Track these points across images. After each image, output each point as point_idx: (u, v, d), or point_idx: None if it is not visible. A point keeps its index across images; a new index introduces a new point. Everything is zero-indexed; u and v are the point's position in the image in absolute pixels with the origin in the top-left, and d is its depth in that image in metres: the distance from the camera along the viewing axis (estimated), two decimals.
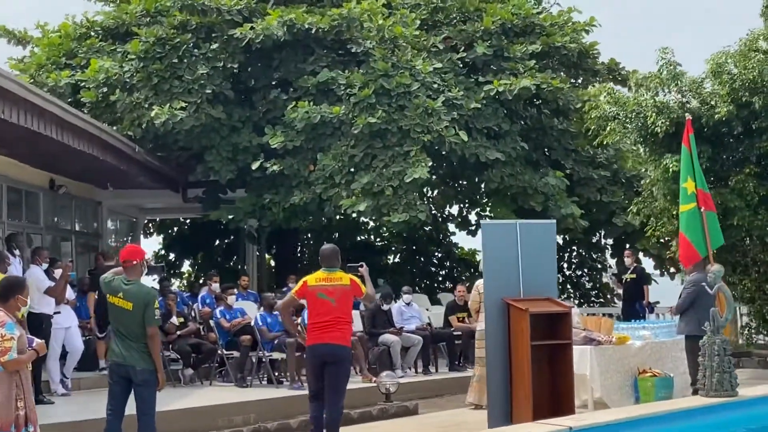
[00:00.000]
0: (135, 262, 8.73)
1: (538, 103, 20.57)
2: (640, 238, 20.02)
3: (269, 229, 19.95)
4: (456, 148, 17.91)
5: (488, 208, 24.67)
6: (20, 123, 12.85)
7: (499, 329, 10.71)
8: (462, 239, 28.47)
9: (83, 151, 15.40)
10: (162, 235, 27.93)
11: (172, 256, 27.22)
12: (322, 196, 18.01)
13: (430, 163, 17.59)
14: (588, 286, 25.15)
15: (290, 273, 21.81)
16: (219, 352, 14.81)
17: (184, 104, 18.06)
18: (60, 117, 14.03)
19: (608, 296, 24.43)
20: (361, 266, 10.00)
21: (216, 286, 16.36)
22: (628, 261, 18.33)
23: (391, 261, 27.46)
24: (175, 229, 28.30)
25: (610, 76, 22.41)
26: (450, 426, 11.53)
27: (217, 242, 26.08)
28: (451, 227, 27.19)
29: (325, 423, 9.25)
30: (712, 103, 15.32)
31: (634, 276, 18.14)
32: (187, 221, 28.02)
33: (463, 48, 20.15)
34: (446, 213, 26.26)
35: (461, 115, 18.39)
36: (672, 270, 21.03)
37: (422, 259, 27.54)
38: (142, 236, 25.16)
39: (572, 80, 21.88)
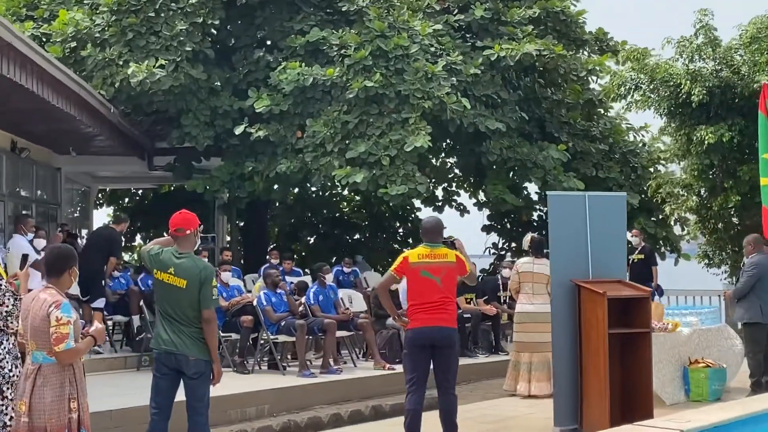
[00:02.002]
0: (188, 232, 7.36)
1: (532, 71, 19.36)
2: (637, 217, 19.13)
3: (247, 200, 18.49)
4: (455, 117, 16.66)
5: (459, 185, 23.73)
6: (2, 73, 11.31)
7: (568, 315, 9.57)
8: (428, 215, 27.33)
9: (61, 109, 13.83)
10: (113, 207, 26.20)
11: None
12: (311, 165, 16.62)
13: (430, 131, 16.32)
14: None
15: (259, 248, 20.48)
16: None
17: (163, 62, 16.47)
18: (43, 69, 12.45)
19: None
20: (456, 240, 8.77)
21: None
22: (635, 240, 17.28)
23: (353, 238, 26.11)
24: (126, 200, 26.63)
25: (598, 46, 21.36)
26: (504, 421, 10.35)
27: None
28: (417, 203, 25.99)
29: (442, 412, 8.28)
30: (744, 71, 14.31)
31: (642, 256, 17.10)
32: (140, 191, 26.39)
33: (456, 11, 18.90)
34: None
35: (460, 82, 17.13)
36: (665, 250, 20.12)
37: (385, 235, 26.31)
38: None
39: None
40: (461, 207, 24.25)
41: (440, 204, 24.14)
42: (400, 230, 26.64)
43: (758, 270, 11.43)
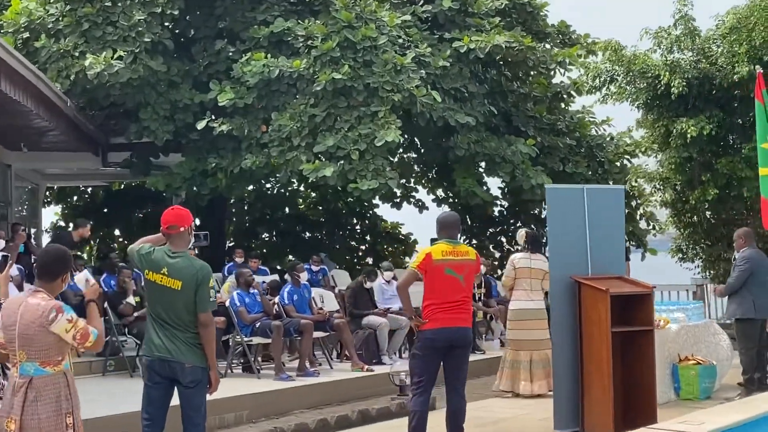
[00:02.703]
0: (182, 229, 6.81)
1: (499, 64, 18.95)
2: None
3: (209, 197, 17.87)
4: (425, 110, 16.21)
5: (417, 181, 23.28)
6: None
7: (568, 313, 9.18)
8: (386, 212, 26.96)
9: (17, 101, 13.14)
10: (61, 205, 25.32)
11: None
12: (277, 159, 16.06)
13: (400, 124, 15.85)
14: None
15: (217, 247, 19.89)
16: None
17: (122, 53, 15.81)
18: (2, 59, 11.76)
19: None
20: None
21: None
22: None
23: (311, 235, 25.55)
24: (75, 198, 25.77)
25: (560, 39, 21.05)
26: (498, 423, 9.92)
27: (140, 211, 23.58)
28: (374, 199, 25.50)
29: (450, 414, 7.90)
30: (721, 62, 14.04)
31: None
32: (89, 189, 25.55)
33: (422, 1, 18.46)
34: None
35: (429, 74, 16.69)
36: (631, 245, 19.88)
37: (341, 232, 25.79)
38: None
39: None
40: (420, 203, 23.79)
41: (398, 200, 23.68)
42: (358, 227, 26.15)
43: (750, 264, 11.16)
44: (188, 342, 6.64)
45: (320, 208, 25.61)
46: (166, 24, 16.99)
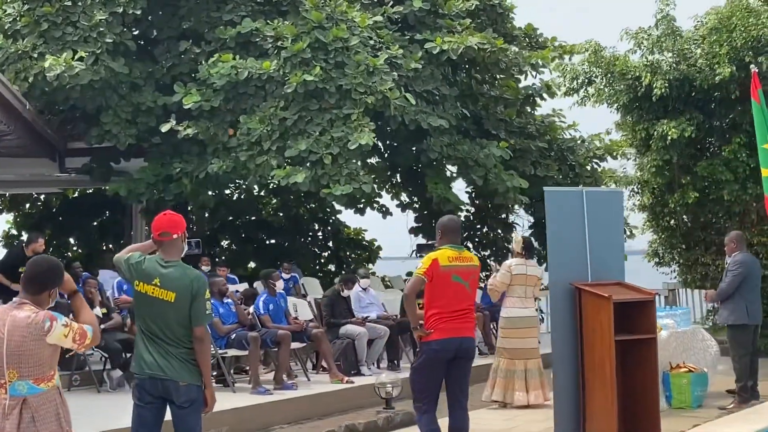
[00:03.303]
0: (175, 236, 6.31)
1: (469, 66, 18.58)
2: None
3: (173, 203, 17.26)
4: (397, 113, 15.78)
5: (380, 186, 22.84)
6: None
7: (568, 320, 8.80)
8: (349, 217, 26.45)
9: None
10: (13, 213, 24.48)
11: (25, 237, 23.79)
12: (247, 164, 15.54)
13: (374, 127, 15.41)
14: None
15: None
16: None
17: (83, 54, 15.20)
18: None
19: None
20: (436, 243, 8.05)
21: None
22: None
23: (273, 242, 24.97)
24: (27, 206, 24.94)
25: (527, 42, 20.74)
26: None
27: (97, 219, 22.83)
28: (337, 205, 25.01)
29: (453, 429, 7.48)
30: (701, 63, 13.76)
31: None
32: (42, 197, 24.75)
33: (391, 3, 18.03)
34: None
35: (401, 76, 16.26)
36: None
37: (302, 239, 25.26)
38: None
39: None
40: (384, 209, 23.35)
41: (362, 206, 23.22)
42: (320, 234, 25.66)
43: (743, 269, 10.85)
44: (182, 358, 6.14)
45: (280, 214, 25.09)
46: (128, 24, 16.36)
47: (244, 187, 22.54)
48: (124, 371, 12.34)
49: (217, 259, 16.95)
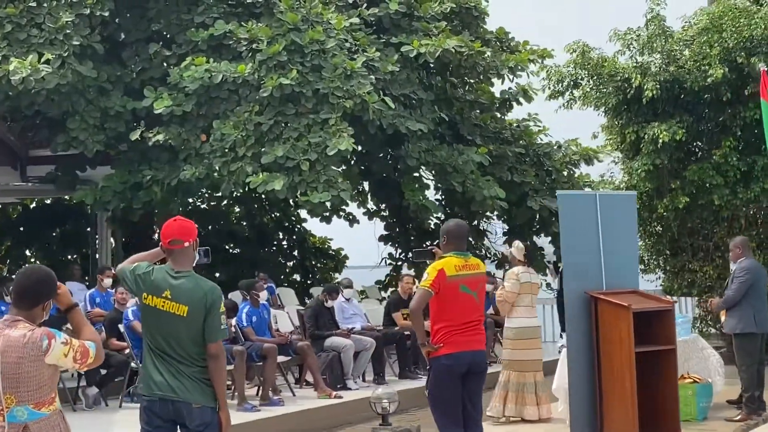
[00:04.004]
0: (187, 244, 5.80)
1: (444, 70, 18.15)
2: (551, 225, 18.32)
3: (141, 212, 16.65)
4: (375, 118, 15.30)
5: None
6: None
7: (584, 331, 8.39)
8: (314, 226, 25.88)
9: None
10: None
11: None
12: (221, 171, 14.97)
13: (352, 132, 14.92)
14: None
15: None
16: (132, 364, 11.67)
17: (50, 56, 14.56)
18: None
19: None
20: (433, 248, 7.60)
21: (109, 282, 13.19)
22: None
23: (237, 251, 24.31)
24: None
25: (499, 46, 20.37)
26: None
27: (58, 229, 22.03)
28: (302, 213, 24.49)
29: None
30: (689, 66, 13.47)
31: None
32: None
33: (365, 5, 17.57)
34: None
35: (378, 80, 15.80)
36: None
37: (267, 249, 24.66)
38: None
39: None
40: (350, 217, 22.85)
41: (328, 214, 22.73)
42: (285, 243, 25.08)
43: (750, 276, 10.50)
44: (195, 378, 5.63)
45: (244, 223, 24.49)
46: (95, 27, 15.71)
47: (206, 196, 21.98)
48: (100, 389, 11.79)
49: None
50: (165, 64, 16.06)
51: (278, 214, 24.46)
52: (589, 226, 8.51)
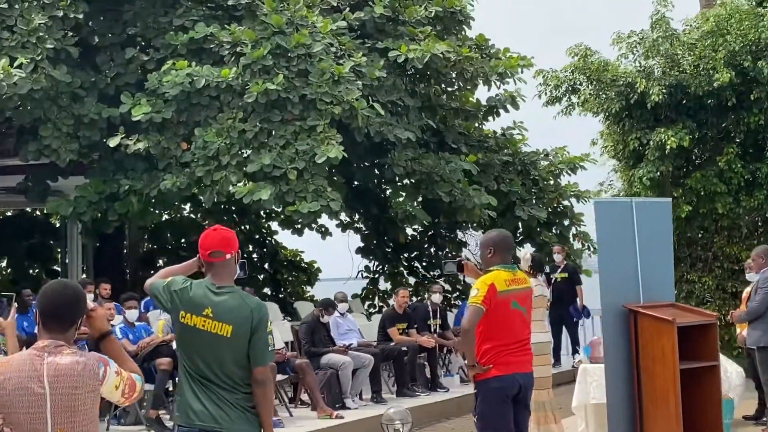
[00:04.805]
0: (228, 256, 5.21)
1: (430, 76, 17.63)
2: (537, 235, 17.90)
3: (117, 223, 15.93)
4: (363, 125, 14.74)
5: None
6: None
7: (622, 347, 7.85)
8: (285, 238, 25.24)
9: None
10: None
11: None
12: (204, 180, 14.31)
13: (341, 140, 14.34)
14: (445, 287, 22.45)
15: (114, 279, 18.00)
16: None
17: (24, 60, 13.82)
18: None
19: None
20: (465, 261, 7.04)
21: (91, 297, 12.44)
22: (558, 258, 15.92)
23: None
24: None
25: (479, 53, 19.89)
26: None
27: (26, 242, 21.14)
28: (273, 225, 23.90)
29: None
30: (691, 71, 13.07)
31: (565, 275, 15.78)
32: None
33: (348, 9, 17.00)
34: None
35: (365, 86, 15.22)
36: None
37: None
38: None
39: None
40: (323, 229, 22.25)
41: (299, 226, 22.15)
42: (255, 255, 24.41)
43: None
44: (239, 406, 5.04)
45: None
46: (69, 30, 14.98)
47: (174, 206, 21.31)
48: None
49: None
50: (141, 70, 15.38)
51: (248, 227, 23.81)
52: (625, 236, 8.00)
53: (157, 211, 16.02)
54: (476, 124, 19.21)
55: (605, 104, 13.58)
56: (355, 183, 18.73)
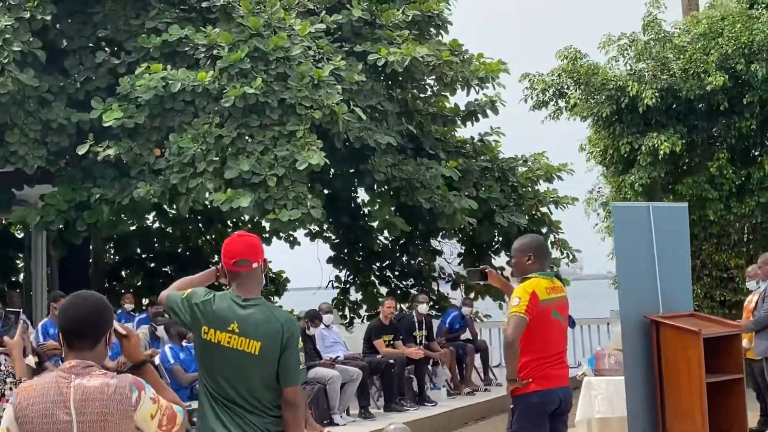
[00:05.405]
0: (255, 265, 4.74)
1: (407, 80, 17.20)
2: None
3: (86, 233, 15.32)
4: (343, 130, 14.29)
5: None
6: None
7: (643, 360, 7.48)
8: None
9: None
10: None
11: None
12: (178, 187, 13.77)
13: (321, 145, 13.88)
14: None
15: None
16: None
17: None
18: None
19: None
20: (489, 270, 6.69)
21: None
22: None
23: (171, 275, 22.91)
24: None
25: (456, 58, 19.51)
26: None
27: None
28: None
29: None
30: (680, 74, 12.78)
31: None
32: None
33: (324, 12, 16.55)
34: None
35: (344, 90, 14.78)
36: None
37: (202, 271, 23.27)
38: None
39: None
40: (291, 238, 21.73)
41: (267, 235, 21.66)
42: (220, 265, 23.72)
43: None
44: (267, 431, 4.53)
45: (172, 246, 23.13)
46: (36, 32, 14.39)
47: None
48: None
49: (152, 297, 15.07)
50: (111, 74, 14.81)
51: (214, 236, 23.22)
52: (643, 242, 7.63)
53: (129, 221, 15.38)
54: (453, 131, 18.87)
55: (595, 108, 13.22)
56: (326, 191, 18.27)
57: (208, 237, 23.26)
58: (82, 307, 3.66)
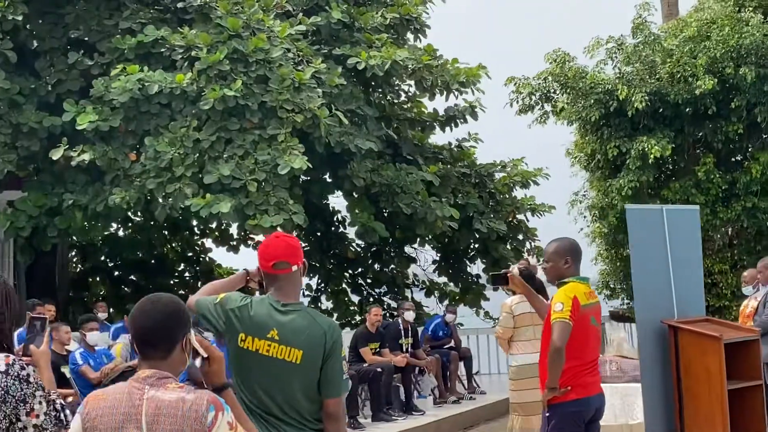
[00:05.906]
0: (295, 268, 4.40)
1: (385, 84, 16.96)
2: (494, 249, 17.36)
3: (56, 240, 14.88)
4: (324, 134, 14.00)
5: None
6: None
7: (661, 366, 7.26)
8: (220, 256, 24.25)
9: None
10: None
11: None
12: (155, 193, 13.40)
13: (303, 149, 13.57)
14: (392, 305, 21.75)
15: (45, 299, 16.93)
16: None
17: None
18: None
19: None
20: (509, 272, 6.62)
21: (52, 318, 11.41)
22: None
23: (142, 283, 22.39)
24: None
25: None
26: None
27: None
28: (208, 242, 22.90)
29: None
30: (667, 78, 12.65)
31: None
32: None
33: (301, 14, 16.25)
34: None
35: (325, 93, 14.49)
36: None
37: (170, 280, 22.86)
38: None
39: None
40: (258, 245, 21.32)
41: (235, 243, 21.33)
42: (187, 274, 23.33)
43: None
44: None
45: (140, 254, 22.64)
46: (6, 33, 13.97)
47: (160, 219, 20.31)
48: None
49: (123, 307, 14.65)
50: (84, 76, 14.42)
51: (180, 244, 22.80)
52: (657, 246, 7.42)
53: (102, 227, 14.98)
54: (431, 137, 18.66)
55: (583, 112, 13.04)
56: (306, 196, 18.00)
57: (173, 245, 22.87)
58: (151, 314, 3.30)
